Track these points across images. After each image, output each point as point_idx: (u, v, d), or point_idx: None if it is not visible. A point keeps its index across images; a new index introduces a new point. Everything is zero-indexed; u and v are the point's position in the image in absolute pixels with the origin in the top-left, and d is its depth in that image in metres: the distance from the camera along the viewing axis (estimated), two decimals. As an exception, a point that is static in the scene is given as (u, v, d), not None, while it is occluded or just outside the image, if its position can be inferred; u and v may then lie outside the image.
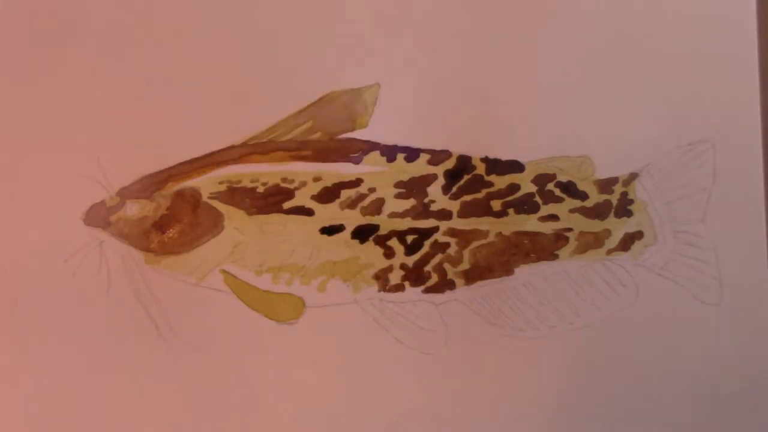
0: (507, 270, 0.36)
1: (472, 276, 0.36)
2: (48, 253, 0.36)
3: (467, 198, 0.36)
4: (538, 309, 0.36)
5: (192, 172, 0.37)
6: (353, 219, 0.36)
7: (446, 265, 0.36)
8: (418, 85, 0.37)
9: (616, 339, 0.36)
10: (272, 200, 0.36)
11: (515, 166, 0.37)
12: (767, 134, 0.37)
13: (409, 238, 0.36)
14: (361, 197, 0.36)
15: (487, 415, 0.36)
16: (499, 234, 0.36)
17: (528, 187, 0.36)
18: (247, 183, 0.37)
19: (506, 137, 0.37)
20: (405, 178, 0.37)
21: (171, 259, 0.37)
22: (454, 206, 0.36)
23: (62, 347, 0.36)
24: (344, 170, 0.37)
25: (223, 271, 0.36)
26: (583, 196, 0.36)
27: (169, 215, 0.37)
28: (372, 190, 0.36)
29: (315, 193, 0.36)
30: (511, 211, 0.36)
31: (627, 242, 0.36)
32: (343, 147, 0.37)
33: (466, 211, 0.36)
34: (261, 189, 0.37)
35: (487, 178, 0.36)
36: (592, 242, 0.36)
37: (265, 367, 0.36)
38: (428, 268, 0.36)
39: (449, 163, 0.37)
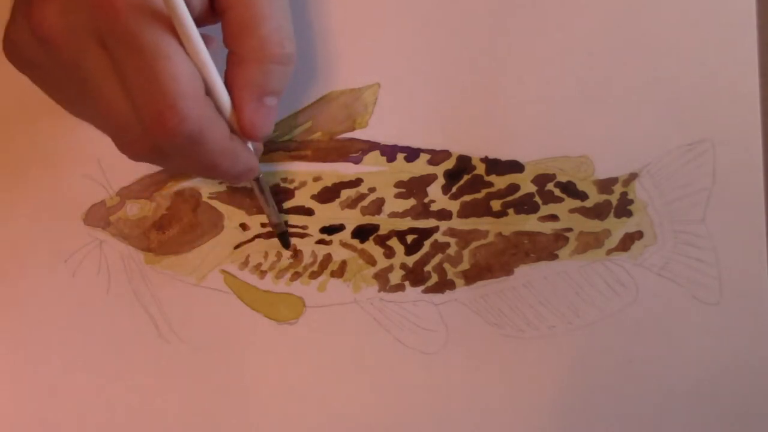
0: (507, 270, 0.36)
1: (472, 276, 0.36)
2: (48, 253, 0.36)
3: (467, 198, 0.36)
4: (538, 309, 0.36)
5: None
6: (353, 219, 0.36)
7: (446, 265, 0.36)
8: (418, 85, 0.37)
9: (616, 339, 0.36)
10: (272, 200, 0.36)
11: (515, 166, 0.37)
12: (767, 134, 0.36)
13: (409, 238, 0.36)
14: (361, 197, 0.36)
15: (487, 415, 0.36)
16: (499, 234, 0.36)
17: (528, 187, 0.36)
18: (247, 183, 0.37)
19: (506, 137, 0.37)
20: (405, 178, 0.37)
21: (171, 259, 0.37)
22: (454, 206, 0.36)
23: (62, 347, 0.36)
24: (344, 170, 0.37)
25: (223, 271, 0.37)
26: (583, 196, 0.36)
27: (169, 215, 0.37)
28: (372, 189, 0.36)
29: (315, 193, 0.37)
30: (510, 211, 0.36)
31: (627, 242, 0.36)
32: (343, 147, 0.37)
33: (466, 211, 0.36)
34: (261, 189, 0.37)
35: (487, 178, 0.37)
36: (591, 242, 0.36)
37: (265, 367, 0.36)
38: (428, 268, 0.36)
39: (449, 163, 0.37)
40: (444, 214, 0.36)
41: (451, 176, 0.37)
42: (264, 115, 0.30)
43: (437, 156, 0.37)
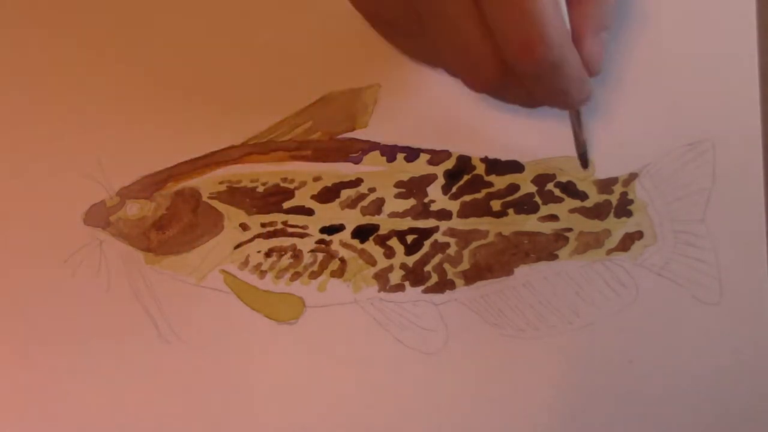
0: (507, 270, 0.36)
1: (471, 276, 0.36)
2: (48, 253, 0.37)
3: (467, 198, 0.36)
4: (538, 309, 0.36)
5: (192, 172, 0.37)
6: (353, 219, 0.36)
7: (446, 265, 0.36)
8: (418, 85, 0.37)
9: (616, 339, 0.36)
10: (272, 200, 0.36)
11: (515, 166, 0.37)
12: (767, 134, 0.36)
13: (409, 238, 0.36)
14: (361, 197, 0.36)
15: (487, 415, 0.36)
16: (499, 234, 0.36)
17: (528, 187, 0.36)
18: (247, 183, 0.37)
19: (506, 137, 0.37)
20: (405, 178, 0.37)
21: (171, 259, 0.37)
22: (453, 206, 0.36)
23: (62, 347, 0.36)
24: (344, 170, 0.37)
25: (223, 271, 0.37)
26: (583, 196, 0.37)
27: (169, 215, 0.37)
28: (372, 189, 0.37)
29: (315, 193, 0.37)
30: (510, 211, 0.36)
31: (627, 242, 0.36)
32: (343, 147, 0.37)
33: (465, 211, 0.36)
34: (261, 189, 0.37)
35: (487, 178, 0.37)
36: (591, 242, 0.36)
37: (265, 367, 0.36)
38: (428, 268, 0.36)
39: (449, 163, 0.37)
40: (444, 214, 0.36)
41: (451, 176, 0.37)
42: (600, 48, 0.32)
43: (437, 156, 0.37)
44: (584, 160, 0.36)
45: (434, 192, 0.37)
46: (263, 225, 0.37)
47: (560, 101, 0.32)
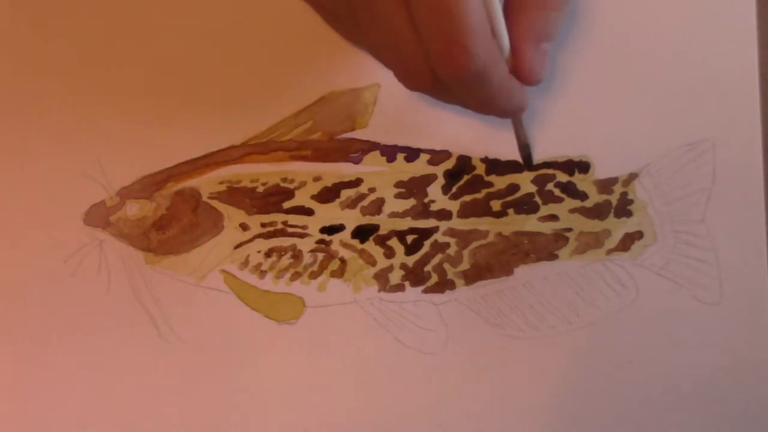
0: (507, 270, 0.36)
1: (471, 276, 0.36)
2: (48, 253, 0.37)
3: (467, 198, 0.36)
4: (538, 309, 0.36)
5: (192, 172, 0.37)
6: (353, 219, 0.36)
7: (446, 265, 0.36)
8: (418, 85, 0.37)
9: (615, 339, 0.36)
10: (272, 200, 0.36)
11: (515, 166, 0.37)
12: (767, 134, 0.36)
13: (409, 238, 0.36)
14: (361, 197, 0.36)
15: (487, 415, 0.36)
16: (499, 234, 0.36)
17: (528, 187, 0.36)
18: (247, 183, 0.37)
19: (506, 137, 0.37)
20: (405, 178, 0.37)
21: (171, 259, 0.37)
22: (453, 206, 0.36)
23: (62, 347, 0.36)
24: (344, 170, 0.37)
25: (223, 271, 0.37)
26: (583, 196, 0.36)
27: (169, 215, 0.37)
28: (372, 189, 0.37)
29: (315, 193, 0.37)
30: (510, 211, 0.36)
31: (627, 242, 0.36)
32: (343, 147, 0.37)
33: (465, 211, 0.36)
34: (261, 189, 0.37)
35: (487, 178, 0.37)
36: (591, 242, 0.36)
37: (265, 367, 0.36)
38: (428, 268, 0.36)
39: (449, 163, 0.37)
40: (444, 214, 0.36)
41: (451, 176, 0.37)
42: (541, 60, 0.31)
43: (437, 156, 0.37)
44: (528, 163, 0.36)
45: (434, 192, 0.37)
46: (263, 225, 0.37)
47: (487, 109, 0.32)
